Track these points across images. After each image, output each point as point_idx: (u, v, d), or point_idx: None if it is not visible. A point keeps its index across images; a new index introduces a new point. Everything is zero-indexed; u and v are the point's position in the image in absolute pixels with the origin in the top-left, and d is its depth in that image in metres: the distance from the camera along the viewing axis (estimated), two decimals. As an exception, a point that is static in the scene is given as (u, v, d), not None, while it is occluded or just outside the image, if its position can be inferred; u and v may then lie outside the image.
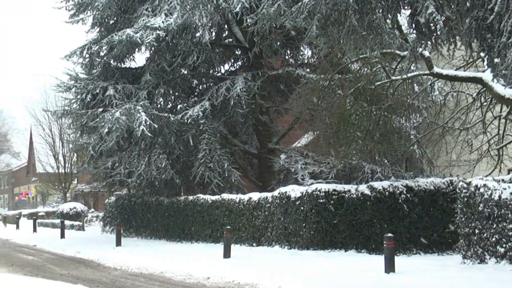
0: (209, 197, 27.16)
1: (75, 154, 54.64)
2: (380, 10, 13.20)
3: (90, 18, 30.64)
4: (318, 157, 26.97)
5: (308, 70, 28.94)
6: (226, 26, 30.79)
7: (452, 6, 11.80)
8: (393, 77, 19.74)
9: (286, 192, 22.67)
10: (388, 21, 13.77)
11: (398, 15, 14.06)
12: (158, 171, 27.93)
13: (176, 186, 30.13)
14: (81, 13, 30.49)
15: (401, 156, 23.84)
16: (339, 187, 21.73)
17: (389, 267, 15.69)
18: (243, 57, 31.93)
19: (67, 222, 40.36)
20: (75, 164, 57.21)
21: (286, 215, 22.47)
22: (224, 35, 32.01)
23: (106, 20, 30.72)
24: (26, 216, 60.67)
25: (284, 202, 22.60)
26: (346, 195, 21.40)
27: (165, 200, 30.13)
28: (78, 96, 30.30)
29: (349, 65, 23.22)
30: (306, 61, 30.95)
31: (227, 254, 20.72)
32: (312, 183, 23.52)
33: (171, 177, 28.20)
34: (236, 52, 32.44)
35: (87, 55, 30.73)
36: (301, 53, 31.52)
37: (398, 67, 19.90)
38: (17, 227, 46.76)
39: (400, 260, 16.84)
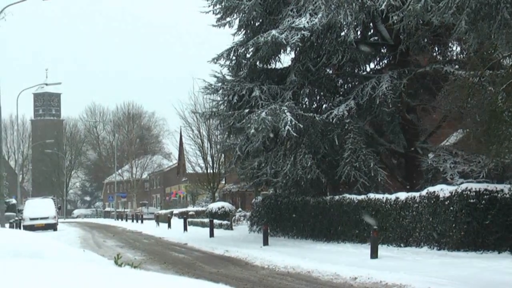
0: (355, 197, 26.95)
1: (223, 155, 55.71)
2: (535, 2, 12.64)
3: (236, 20, 31.21)
4: (468, 155, 26.18)
5: (456, 66, 28.12)
6: (371, 24, 30.45)
7: None
8: (549, 72, 18.83)
9: (434, 191, 22.18)
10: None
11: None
12: (303, 170, 27.98)
13: (322, 185, 30.08)
14: (227, 16, 31.09)
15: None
16: (491, 186, 21.02)
17: (546, 270, 14.99)
18: (388, 55, 31.45)
19: (215, 221, 41.27)
20: (222, 165, 58.35)
21: (435, 215, 21.97)
22: (369, 33, 31.67)
23: (252, 22, 31.15)
24: (177, 215, 62.63)
25: (432, 202, 22.12)
26: (499, 195, 20.67)
27: (311, 199, 30.16)
28: (225, 98, 30.87)
29: (501, 60, 22.34)
30: (454, 58, 30.07)
31: (374, 254, 20.51)
32: (462, 183, 22.88)
33: (316, 176, 28.18)
34: (382, 50, 31.99)
35: (234, 57, 31.30)
36: (449, 49, 30.65)
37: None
38: (169, 226, 48.27)
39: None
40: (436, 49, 30.71)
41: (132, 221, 70.48)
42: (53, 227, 49.62)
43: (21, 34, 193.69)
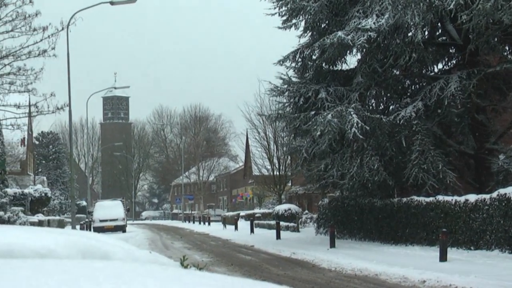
0: (424, 199, 26.59)
1: (289, 157, 55.70)
2: None
3: (302, 22, 31.18)
4: (540, 157, 25.52)
5: (528, 66, 27.44)
6: (439, 24, 29.99)
7: None
8: None
9: (505, 194, 21.70)
10: None
11: None
12: (370, 172, 27.74)
13: (389, 187, 29.75)
14: (293, 18, 31.09)
15: None
16: None
17: None
18: (457, 55, 30.94)
19: (282, 223, 41.27)
20: (289, 167, 58.33)
21: (507, 218, 21.48)
22: (437, 33, 31.21)
23: (318, 24, 31.05)
24: (244, 217, 62.88)
25: (503, 204, 21.64)
26: None
27: (378, 202, 29.89)
28: (291, 100, 30.86)
29: None
30: (526, 57, 29.38)
31: (443, 257, 20.19)
32: (534, 185, 22.35)
33: (383, 178, 27.90)
34: (450, 51, 31.50)
35: (300, 59, 31.27)
36: (520, 48, 29.97)
37: None
38: (236, 228, 48.48)
39: None
40: (507, 48, 30.07)
41: (199, 223, 71.08)
42: (122, 228, 50.40)
43: (89, 38, 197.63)
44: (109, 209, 52.31)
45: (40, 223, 38.60)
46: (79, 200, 79.38)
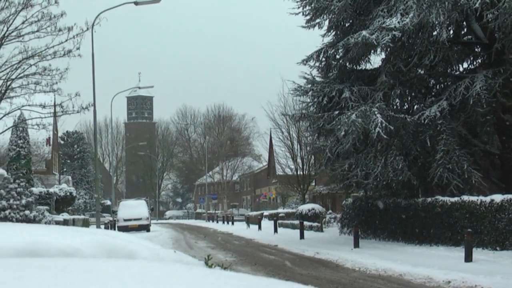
0: (448, 199, 26.42)
1: (313, 156, 55.60)
2: None
3: (326, 22, 31.12)
4: None
5: (555, 65, 27.16)
6: (464, 23, 29.76)
7: None
8: None
9: (532, 194, 21.52)
10: None
11: None
12: (394, 172, 27.62)
13: (413, 187, 29.61)
14: (317, 17, 31.05)
15: None
16: None
17: None
18: (483, 54, 30.69)
19: (306, 223, 41.16)
20: (312, 166, 58.22)
21: (532, 218, 21.31)
22: (462, 32, 30.97)
23: (342, 23, 30.99)
24: (267, 217, 62.84)
25: (530, 205, 21.47)
26: None
27: (402, 202, 29.74)
28: (315, 99, 30.81)
29: None
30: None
31: (468, 257, 20.06)
32: (561, 185, 22.12)
33: (408, 178, 27.77)
34: (475, 49, 31.25)
35: (323, 59, 31.21)
36: (547, 47, 29.64)
37: None
38: (259, 227, 48.45)
39: None
40: (534, 47, 29.76)
41: (223, 222, 71.13)
42: (146, 228, 50.55)
43: (114, 38, 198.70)
44: (133, 208, 52.51)
45: (65, 222, 38.85)
46: (104, 200, 79.87)
